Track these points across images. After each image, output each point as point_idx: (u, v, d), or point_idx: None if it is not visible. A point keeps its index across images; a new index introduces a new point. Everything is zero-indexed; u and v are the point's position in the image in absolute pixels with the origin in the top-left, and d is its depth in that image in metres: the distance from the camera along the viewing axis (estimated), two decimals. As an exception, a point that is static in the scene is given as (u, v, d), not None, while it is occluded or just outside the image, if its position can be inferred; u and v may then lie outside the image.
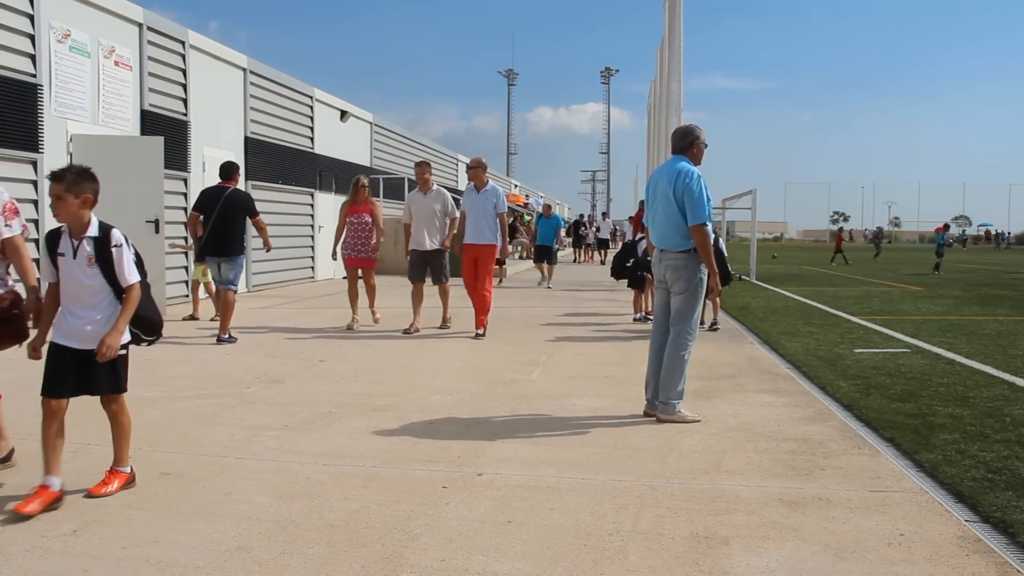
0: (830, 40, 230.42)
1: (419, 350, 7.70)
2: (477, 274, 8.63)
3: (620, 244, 25.81)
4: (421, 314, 8.90)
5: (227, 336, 7.82)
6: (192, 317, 9.57)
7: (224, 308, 7.92)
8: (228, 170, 8.37)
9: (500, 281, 16.42)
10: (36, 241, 8.94)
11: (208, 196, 8.23)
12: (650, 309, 9.56)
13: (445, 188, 9.32)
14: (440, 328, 9.08)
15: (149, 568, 2.77)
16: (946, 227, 29.32)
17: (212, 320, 9.30)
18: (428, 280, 9.13)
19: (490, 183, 8.83)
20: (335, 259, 9.31)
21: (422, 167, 9.06)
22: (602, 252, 28.47)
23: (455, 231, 8.96)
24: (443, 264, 9.04)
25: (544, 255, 17.39)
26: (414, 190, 9.17)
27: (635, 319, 10.22)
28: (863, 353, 7.72)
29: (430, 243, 8.93)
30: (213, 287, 9.21)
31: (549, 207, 18.92)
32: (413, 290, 9.06)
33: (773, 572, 2.83)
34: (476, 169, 8.74)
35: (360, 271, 9.43)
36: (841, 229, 40.62)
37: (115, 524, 3.16)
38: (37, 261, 4.40)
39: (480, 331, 8.62)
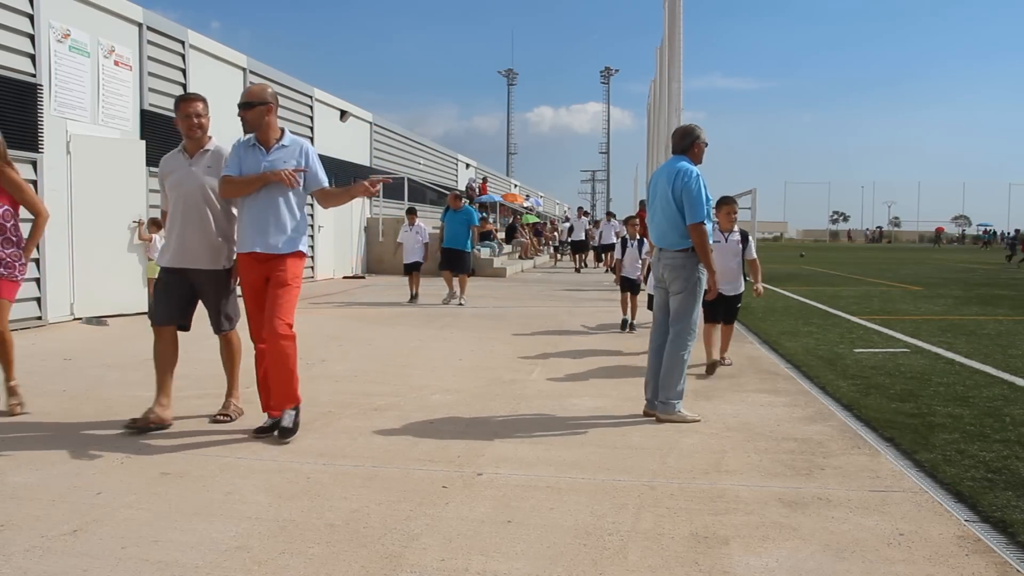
0: (830, 40, 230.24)
1: (419, 350, 7.71)
2: (269, 306, 4.40)
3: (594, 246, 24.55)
4: (170, 387, 4.71)
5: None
6: None
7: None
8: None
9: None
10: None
11: None
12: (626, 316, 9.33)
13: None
14: (219, 418, 4.76)
15: (149, 568, 2.77)
16: None
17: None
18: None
19: (288, 135, 4.68)
20: None
21: (187, 104, 4.74)
22: (577, 257, 23.94)
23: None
24: (228, 293, 4.77)
25: (453, 262, 12.34)
26: (171, 152, 4.88)
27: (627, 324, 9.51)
28: (863, 353, 7.72)
29: (205, 257, 4.64)
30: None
31: (458, 197, 13.04)
32: (158, 347, 4.70)
33: (773, 572, 2.83)
34: (258, 108, 4.53)
35: None
36: None
37: (115, 524, 3.16)
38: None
39: (287, 414, 4.41)
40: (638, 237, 9.78)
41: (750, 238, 6.97)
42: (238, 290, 4.77)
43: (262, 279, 4.51)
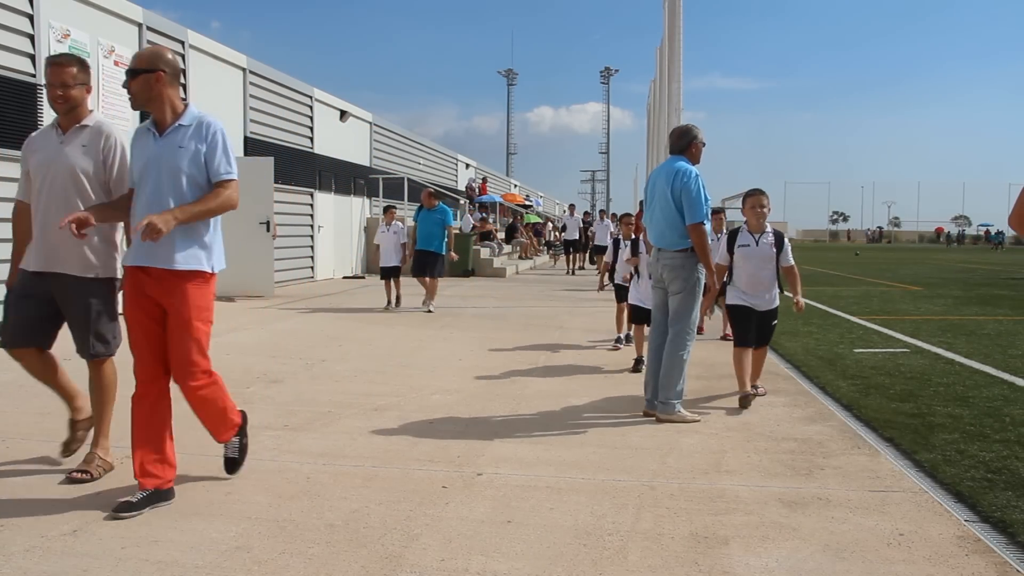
0: (830, 40, 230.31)
1: (419, 350, 7.71)
2: (170, 347, 3.51)
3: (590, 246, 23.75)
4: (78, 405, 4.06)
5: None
6: None
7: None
8: None
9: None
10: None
11: None
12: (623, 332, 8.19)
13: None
14: (77, 476, 3.66)
15: (149, 568, 2.77)
16: None
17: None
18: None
19: (192, 111, 3.57)
20: None
21: (52, 69, 3.62)
22: (573, 258, 21.99)
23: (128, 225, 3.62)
24: (103, 309, 3.87)
25: (425, 265, 11.32)
26: (42, 128, 4.11)
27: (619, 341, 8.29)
28: (863, 353, 7.73)
29: (71, 259, 3.67)
30: None
31: (432, 195, 11.86)
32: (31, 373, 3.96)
33: (773, 572, 2.83)
34: (143, 76, 3.43)
35: None
36: None
37: (115, 524, 3.16)
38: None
39: (229, 446, 3.83)
40: (632, 238, 8.23)
41: (786, 240, 5.71)
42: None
43: (152, 303, 3.44)
